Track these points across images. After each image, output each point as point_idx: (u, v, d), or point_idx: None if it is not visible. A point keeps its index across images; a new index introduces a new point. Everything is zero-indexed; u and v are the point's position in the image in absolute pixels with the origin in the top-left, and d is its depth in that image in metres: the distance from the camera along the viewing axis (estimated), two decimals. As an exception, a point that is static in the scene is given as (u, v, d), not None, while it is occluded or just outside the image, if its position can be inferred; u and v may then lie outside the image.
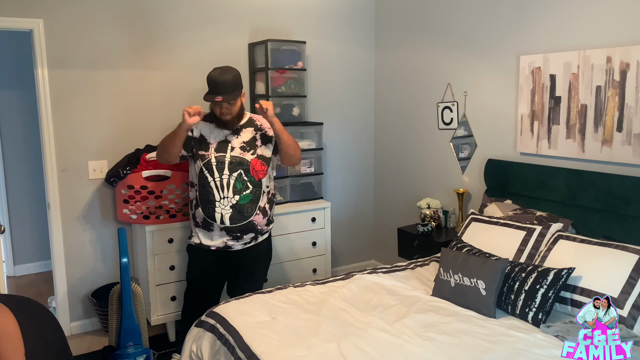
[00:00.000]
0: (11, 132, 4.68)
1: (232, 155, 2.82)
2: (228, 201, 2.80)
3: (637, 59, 2.64)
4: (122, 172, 3.34)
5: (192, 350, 2.51)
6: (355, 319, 2.42)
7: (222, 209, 2.80)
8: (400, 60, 4.27)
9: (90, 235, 3.58)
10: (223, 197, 2.80)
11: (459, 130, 3.76)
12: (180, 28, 3.70)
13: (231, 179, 2.80)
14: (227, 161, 2.81)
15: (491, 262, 2.55)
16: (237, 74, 2.80)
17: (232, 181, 2.80)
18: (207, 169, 2.80)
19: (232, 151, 2.83)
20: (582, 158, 2.95)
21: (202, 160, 2.81)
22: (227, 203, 2.80)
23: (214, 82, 2.71)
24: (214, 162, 2.80)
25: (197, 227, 2.92)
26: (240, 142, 2.85)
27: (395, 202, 4.47)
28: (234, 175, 2.80)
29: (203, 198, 2.83)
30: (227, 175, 2.80)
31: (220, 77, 2.71)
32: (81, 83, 3.44)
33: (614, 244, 2.49)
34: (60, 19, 3.33)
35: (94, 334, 3.61)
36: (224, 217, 2.81)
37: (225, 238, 2.87)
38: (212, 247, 2.89)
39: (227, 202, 2.80)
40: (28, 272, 4.87)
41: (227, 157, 2.81)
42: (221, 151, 2.82)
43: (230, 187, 2.80)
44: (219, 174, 2.79)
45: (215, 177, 2.79)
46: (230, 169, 2.80)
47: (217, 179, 2.79)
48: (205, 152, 2.81)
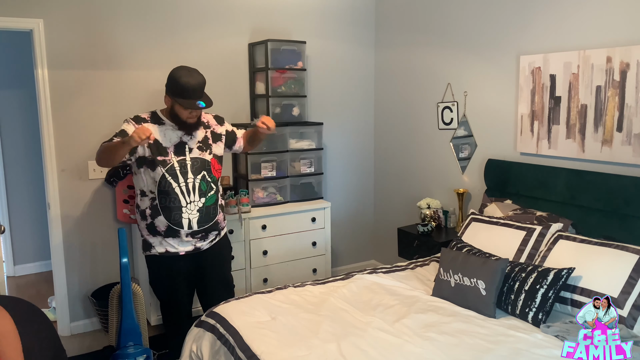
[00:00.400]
0: (11, 132, 4.68)
1: (192, 157, 2.72)
2: (195, 205, 2.71)
3: (637, 59, 2.64)
4: (122, 172, 3.35)
5: (192, 350, 2.51)
6: (355, 319, 2.42)
7: (190, 213, 2.70)
8: (400, 60, 4.27)
9: (90, 235, 3.58)
10: (190, 202, 2.69)
11: (459, 130, 3.76)
12: (181, 28, 3.70)
13: (196, 182, 2.70)
14: (190, 164, 2.70)
15: (491, 262, 2.55)
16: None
17: (197, 184, 2.70)
18: (171, 174, 2.65)
19: (191, 152, 2.72)
20: (582, 158, 2.95)
21: (163, 166, 2.65)
22: (193, 207, 2.71)
23: (193, 87, 2.59)
24: (177, 166, 2.67)
25: (158, 236, 2.74)
26: (195, 142, 2.75)
27: (395, 202, 4.47)
28: (198, 177, 2.71)
29: (166, 205, 2.67)
30: (192, 179, 2.69)
31: (197, 82, 2.61)
32: (81, 83, 3.44)
33: (614, 244, 2.49)
34: (60, 19, 3.33)
35: (94, 334, 3.61)
36: (192, 222, 2.71)
37: (193, 241, 2.78)
38: (182, 253, 2.78)
39: (193, 206, 2.71)
40: (28, 272, 4.87)
41: (187, 160, 2.70)
42: (180, 154, 2.69)
43: (196, 190, 2.70)
44: (184, 178, 2.68)
45: (180, 182, 2.67)
46: (193, 171, 2.70)
47: (182, 184, 2.67)
48: (165, 157, 2.66)
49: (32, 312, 1.14)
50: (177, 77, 2.60)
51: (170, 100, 2.67)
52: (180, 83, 2.59)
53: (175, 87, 2.61)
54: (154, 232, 2.74)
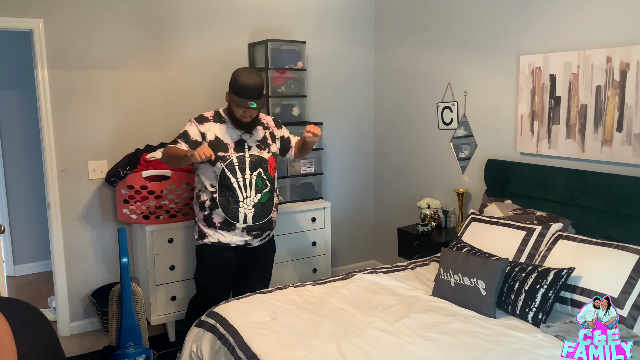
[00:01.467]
0: (11, 132, 4.68)
1: (251, 155, 2.86)
2: (251, 200, 2.84)
3: (637, 59, 2.64)
4: (122, 172, 3.34)
5: (192, 350, 2.51)
6: (356, 319, 2.42)
7: (246, 208, 2.83)
8: (400, 60, 4.27)
9: (90, 235, 3.58)
10: (246, 197, 2.83)
11: (459, 130, 3.76)
12: (181, 28, 3.70)
13: (252, 178, 2.84)
14: (248, 160, 2.84)
15: (491, 262, 2.55)
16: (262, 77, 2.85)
17: (253, 180, 2.84)
18: (230, 170, 2.80)
19: (250, 150, 2.86)
20: (582, 158, 2.95)
21: (223, 162, 2.80)
22: (249, 202, 2.84)
23: (250, 88, 2.72)
24: (236, 162, 2.81)
25: (213, 228, 2.88)
26: (254, 141, 2.89)
27: (395, 202, 4.47)
28: (255, 174, 2.84)
29: (225, 199, 2.82)
30: (249, 175, 2.83)
31: (255, 83, 2.73)
32: (81, 83, 3.44)
33: (614, 244, 2.49)
34: (60, 19, 3.33)
35: (94, 334, 3.61)
36: (247, 217, 2.84)
37: (246, 237, 2.90)
38: (233, 245, 2.90)
39: (249, 201, 2.84)
40: (28, 272, 4.87)
41: (246, 157, 2.84)
42: (240, 151, 2.84)
43: (252, 186, 2.84)
44: (242, 174, 2.82)
45: (238, 178, 2.81)
46: (251, 168, 2.84)
47: (240, 179, 2.81)
48: (225, 153, 2.81)
49: (28, 312, 1.13)
50: (236, 76, 2.76)
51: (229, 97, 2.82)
52: (237, 82, 2.74)
53: (233, 85, 2.76)
54: (210, 223, 2.88)
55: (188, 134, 2.81)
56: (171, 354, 3.31)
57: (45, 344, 1.10)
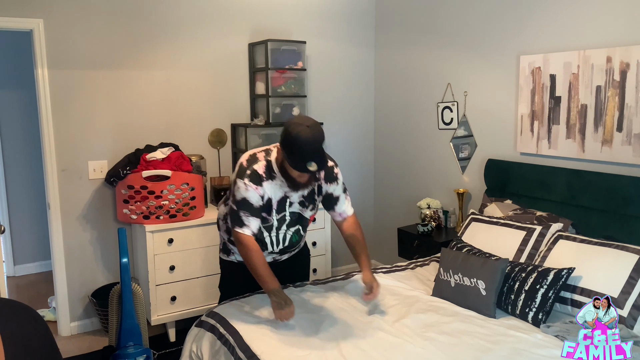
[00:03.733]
0: (11, 132, 4.68)
1: (292, 212, 2.50)
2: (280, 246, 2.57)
3: (637, 59, 2.64)
4: (122, 172, 3.34)
5: (192, 350, 2.50)
6: (356, 319, 2.42)
7: (273, 250, 2.57)
8: (400, 60, 4.27)
9: (90, 235, 3.58)
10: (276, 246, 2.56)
11: (459, 130, 3.76)
12: (181, 28, 3.70)
13: (288, 234, 2.54)
14: (288, 220, 2.50)
15: (491, 262, 2.55)
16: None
17: (288, 236, 2.55)
18: (266, 228, 2.49)
19: (291, 207, 2.48)
20: (582, 158, 2.95)
21: (262, 222, 2.46)
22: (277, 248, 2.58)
23: (315, 152, 2.24)
24: (275, 224, 2.49)
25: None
26: (299, 196, 2.48)
27: (395, 202, 4.47)
28: (292, 229, 2.54)
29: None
30: (284, 231, 2.52)
31: (319, 146, 2.27)
32: (81, 83, 3.44)
33: (614, 244, 2.49)
34: (60, 19, 3.33)
35: (94, 334, 3.61)
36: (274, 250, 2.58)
37: (274, 256, 2.63)
38: None
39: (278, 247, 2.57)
40: (28, 272, 4.87)
41: (287, 216, 2.49)
42: (281, 210, 2.47)
43: (287, 240, 2.56)
44: (277, 231, 2.51)
45: (272, 234, 2.51)
46: (288, 224, 2.51)
47: (274, 235, 2.52)
48: (268, 216, 2.45)
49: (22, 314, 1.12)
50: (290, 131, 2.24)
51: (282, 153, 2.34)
52: (305, 145, 2.22)
53: (288, 143, 2.24)
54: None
55: (250, 204, 2.36)
56: (171, 354, 3.31)
57: (38, 347, 1.09)
